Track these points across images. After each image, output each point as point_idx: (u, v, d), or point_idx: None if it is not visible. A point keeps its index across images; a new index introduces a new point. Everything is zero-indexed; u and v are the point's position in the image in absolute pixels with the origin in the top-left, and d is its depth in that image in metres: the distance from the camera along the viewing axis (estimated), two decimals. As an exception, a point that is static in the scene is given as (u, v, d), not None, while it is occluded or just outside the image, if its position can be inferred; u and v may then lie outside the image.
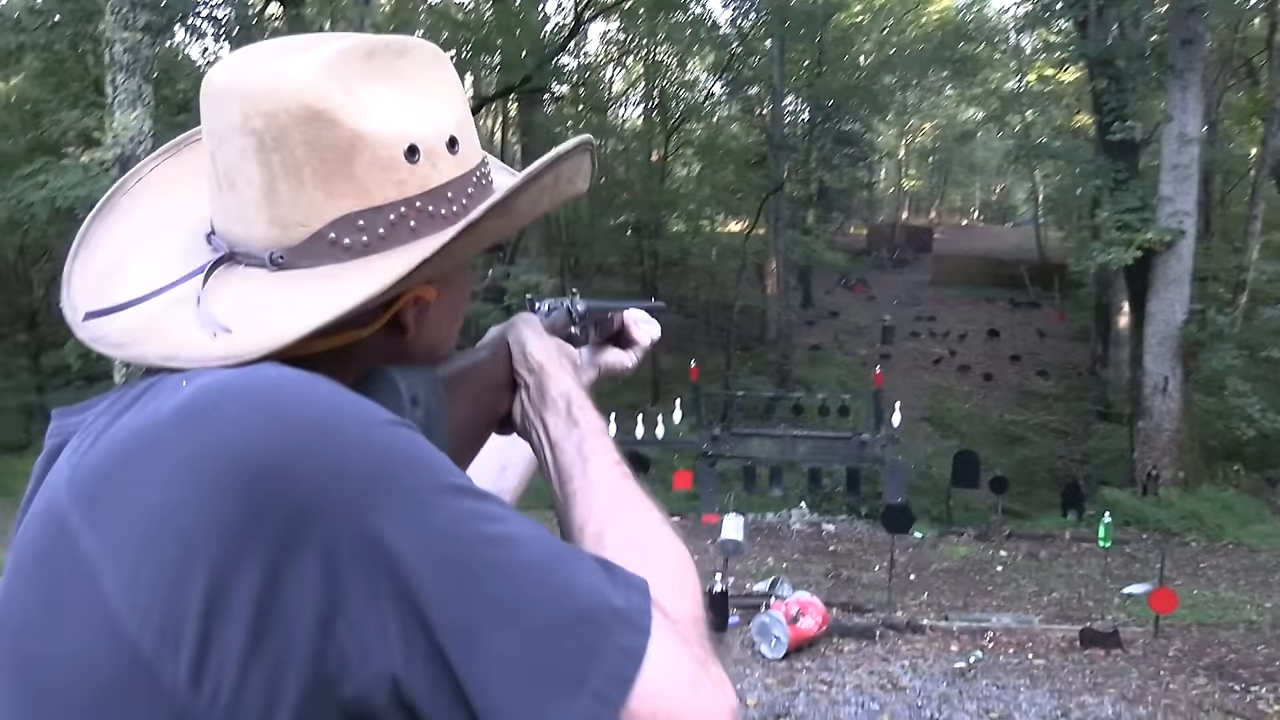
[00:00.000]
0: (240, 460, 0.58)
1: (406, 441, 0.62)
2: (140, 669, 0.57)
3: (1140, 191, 12.80)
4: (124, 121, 5.55)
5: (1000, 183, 53.06)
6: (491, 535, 0.60)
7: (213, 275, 0.71)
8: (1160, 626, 6.53)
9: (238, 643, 0.56)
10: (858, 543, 10.09)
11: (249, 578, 0.56)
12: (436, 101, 0.76)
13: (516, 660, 0.57)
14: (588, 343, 1.13)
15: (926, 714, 4.87)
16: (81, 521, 0.61)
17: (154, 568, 0.57)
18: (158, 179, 0.83)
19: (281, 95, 0.69)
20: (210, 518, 0.57)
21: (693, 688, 0.60)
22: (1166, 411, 12.46)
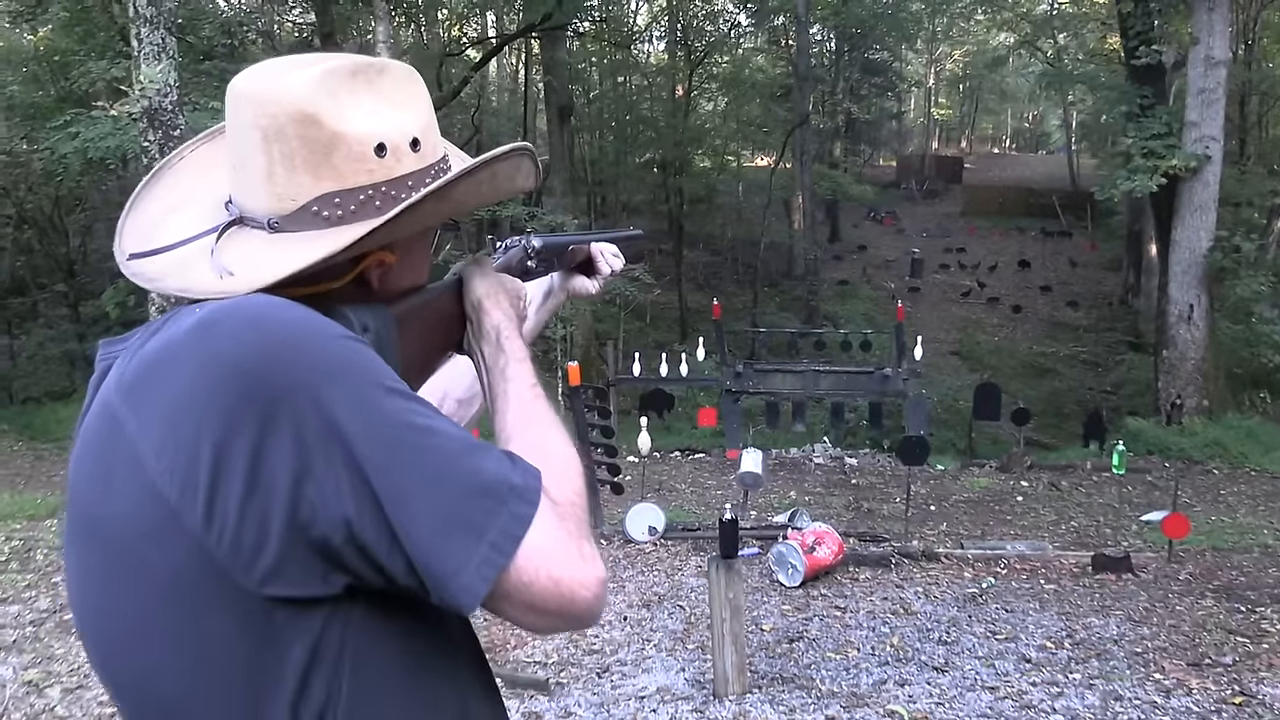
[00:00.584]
0: (233, 363, 0.82)
1: (356, 351, 0.86)
2: (169, 514, 0.82)
3: (1166, 117, 12.60)
4: (150, 74, 5.69)
5: (1033, 110, 52.07)
6: (419, 425, 0.85)
7: (226, 234, 0.97)
8: (1174, 551, 6.64)
9: (235, 495, 0.81)
10: (879, 476, 10.25)
11: (241, 447, 0.80)
12: (405, 111, 1.00)
13: (434, 516, 0.82)
14: (547, 274, 1.36)
15: (935, 636, 5.05)
16: (126, 412, 0.86)
17: (175, 441, 0.82)
18: (195, 159, 1.10)
19: (282, 101, 0.94)
20: (214, 404, 0.81)
21: (566, 553, 0.86)
22: (1191, 340, 12.42)
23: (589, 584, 0.87)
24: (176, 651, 0.85)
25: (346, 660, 0.87)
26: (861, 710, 4.10)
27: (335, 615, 0.86)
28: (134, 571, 0.85)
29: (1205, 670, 4.49)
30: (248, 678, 0.84)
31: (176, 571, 0.83)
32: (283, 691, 0.84)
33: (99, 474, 0.87)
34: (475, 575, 0.82)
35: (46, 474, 9.70)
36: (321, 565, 0.83)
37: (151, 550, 0.83)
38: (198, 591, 0.83)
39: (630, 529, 6.90)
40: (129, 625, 0.86)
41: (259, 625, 0.83)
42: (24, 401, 13.60)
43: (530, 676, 4.53)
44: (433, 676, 0.94)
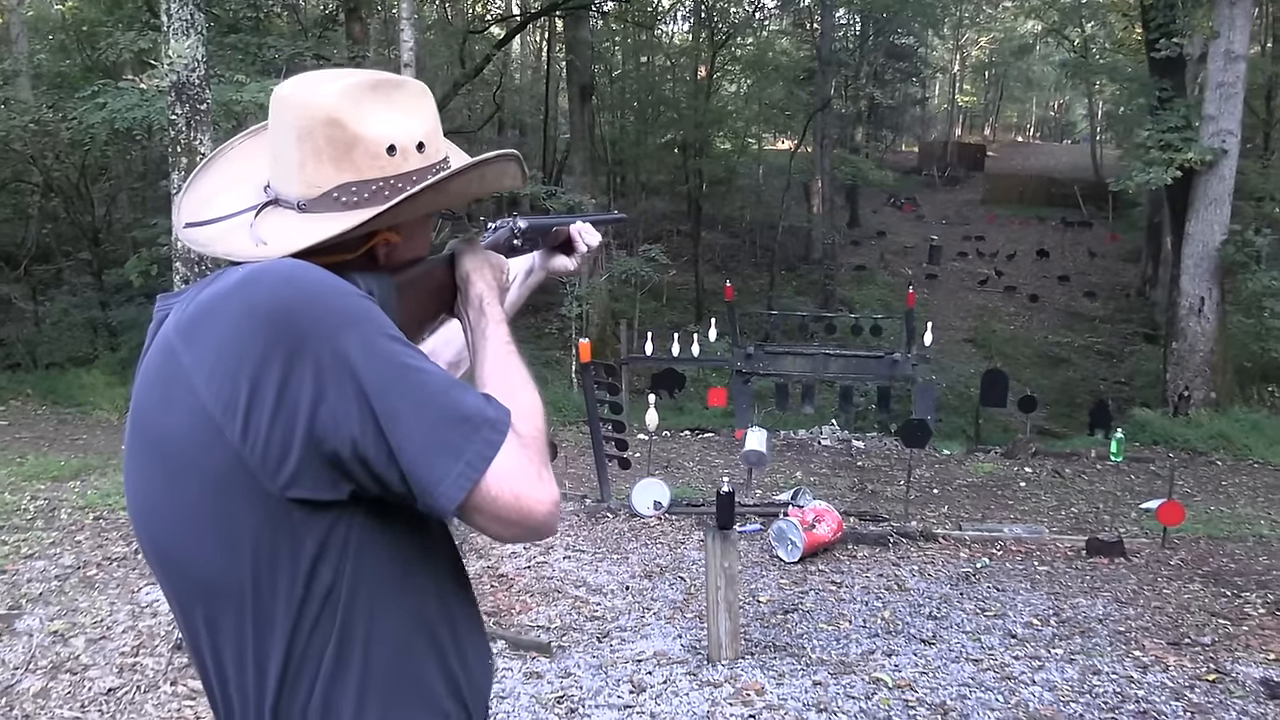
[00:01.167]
0: (268, 310, 1.04)
1: (366, 306, 1.08)
2: (214, 429, 1.05)
3: (1184, 110, 12.60)
4: (178, 49, 5.83)
5: (1059, 98, 51.68)
6: (412, 365, 1.07)
7: (264, 211, 1.22)
8: (1169, 538, 6.76)
9: (266, 415, 1.03)
10: (885, 459, 10.37)
11: (272, 377, 1.03)
12: (414, 119, 1.24)
13: (422, 437, 1.04)
14: (531, 252, 1.57)
15: (926, 612, 5.20)
16: (182, 347, 1.08)
17: (221, 371, 1.04)
18: (243, 149, 1.34)
19: (314, 107, 1.18)
20: (251, 342, 1.03)
21: (527, 476, 1.07)
22: (1201, 333, 12.45)
23: (544, 501, 1.08)
24: (214, 537, 1.08)
25: (349, 553, 1.10)
26: (848, 677, 4.26)
27: (341, 518, 1.08)
28: (184, 473, 1.07)
29: (1184, 649, 4.63)
30: (269, 561, 1.07)
31: (217, 474, 1.05)
32: (297, 574, 1.08)
33: (158, 397, 1.10)
34: (453, 486, 1.04)
35: (69, 437, 9.93)
36: (331, 474, 1.05)
37: (199, 456, 1.06)
38: (233, 491, 1.05)
39: (636, 503, 7.07)
40: (177, 515, 1.10)
41: (280, 520, 1.06)
42: (48, 367, 13.84)
43: (533, 640, 4.71)
44: (417, 569, 1.18)
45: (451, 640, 1.21)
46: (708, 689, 4.13)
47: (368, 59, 15.30)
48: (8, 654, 4.27)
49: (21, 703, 3.89)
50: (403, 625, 1.15)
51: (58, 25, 18.62)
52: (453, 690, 1.21)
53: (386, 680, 1.13)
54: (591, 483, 7.91)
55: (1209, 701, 4.05)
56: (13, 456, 8.26)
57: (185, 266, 5.81)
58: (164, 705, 3.88)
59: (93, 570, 5.35)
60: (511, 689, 4.13)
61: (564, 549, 6.27)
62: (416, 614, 1.17)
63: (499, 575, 5.71)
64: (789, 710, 3.92)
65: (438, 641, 1.19)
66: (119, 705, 3.90)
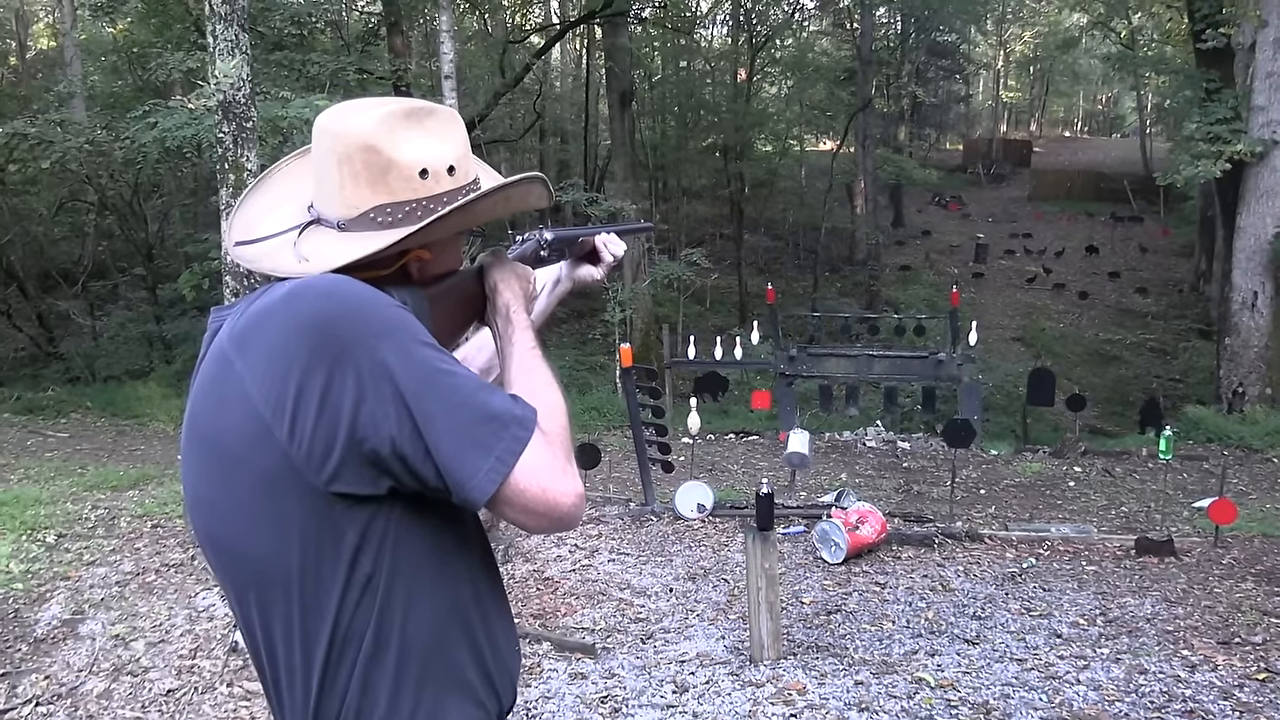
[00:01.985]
0: (312, 321, 1.13)
1: (402, 315, 1.17)
2: (265, 429, 1.14)
3: (1232, 101, 12.38)
4: (224, 69, 5.99)
5: (1106, 92, 50.89)
6: (444, 369, 1.16)
7: (306, 230, 1.32)
8: (1221, 537, 6.65)
9: (311, 416, 1.12)
10: (930, 460, 10.31)
11: (317, 383, 1.12)
12: (445, 144, 1.33)
13: (456, 434, 1.13)
14: (558, 262, 1.66)
15: (970, 612, 5.18)
16: (235, 354, 1.18)
17: (271, 376, 1.14)
18: (289, 170, 1.45)
19: (352, 134, 1.27)
20: (298, 350, 1.12)
21: (552, 470, 1.16)
22: (1254, 328, 12.22)
23: (569, 494, 1.17)
24: (265, 527, 1.18)
25: (388, 544, 1.19)
26: (890, 677, 4.27)
27: (380, 511, 1.18)
28: (237, 469, 1.17)
29: (1234, 648, 4.57)
30: (315, 550, 1.17)
31: (267, 471, 1.15)
32: (340, 562, 1.18)
33: (214, 401, 1.20)
34: (485, 479, 1.13)
35: (128, 448, 10.19)
36: (371, 471, 1.15)
37: (251, 455, 1.16)
38: (282, 485, 1.15)
39: (680, 506, 7.11)
40: (231, 508, 1.20)
41: (324, 512, 1.16)
42: (105, 380, 14.19)
43: (578, 641, 4.77)
44: (452, 560, 1.27)
45: (483, 626, 1.30)
46: (750, 689, 4.16)
47: (409, 71, 15.52)
48: (72, 657, 4.42)
49: (86, 703, 4.03)
50: (437, 611, 1.24)
51: (109, 47, 19.11)
52: (483, 672, 1.29)
53: (422, 662, 1.22)
54: (635, 486, 7.97)
55: (1259, 701, 4.00)
56: (74, 467, 8.49)
57: (235, 280, 5.97)
58: (220, 706, 4.00)
59: (151, 576, 5.50)
60: (557, 690, 4.20)
61: (608, 552, 6.33)
62: (451, 601, 1.26)
63: (545, 579, 5.78)
64: (830, 710, 3.94)
65: (469, 627, 1.28)
66: (178, 706, 4.02)
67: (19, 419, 11.35)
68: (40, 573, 5.27)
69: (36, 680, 4.20)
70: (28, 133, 12.84)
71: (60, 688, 4.15)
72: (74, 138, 12.82)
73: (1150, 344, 21.30)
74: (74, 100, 15.46)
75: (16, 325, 15.67)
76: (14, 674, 4.25)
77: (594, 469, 7.66)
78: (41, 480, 7.67)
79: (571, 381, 15.15)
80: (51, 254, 17.27)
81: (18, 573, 5.22)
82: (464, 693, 1.27)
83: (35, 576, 5.21)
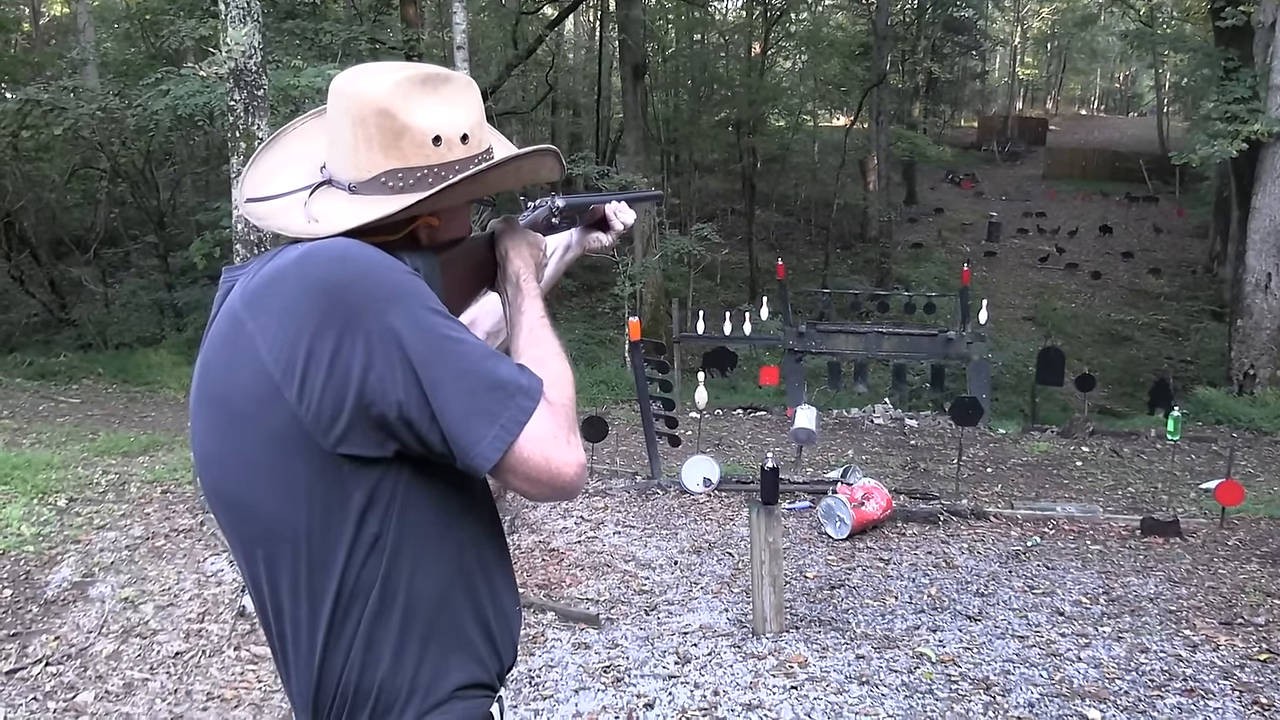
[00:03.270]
0: (324, 284, 1.14)
1: (412, 281, 1.18)
2: (274, 389, 1.15)
3: (1250, 81, 12.25)
4: (236, 37, 5.97)
5: (1124, 70, 50.39)
6: (453, 336, 1.17)
7: (318, 190, 1.31)
8: (1227, 519, 6.65)
9: (320, 378, 1.13)
10: (938, 437, 10.31)
11: (327, 345, 1.13)
12: (460, 112, 1.32)
13: (462, 401, 1.14)
14: (569, 229, 1.66)
15: (973, 589, 5.20)
16: (247, 315, 1.19)
17: (282, 337, 1.15)
18: (303, 129, 1.44)
19: (367, 98, 1.26)
20: (309, 313, 1.13)
21: (556, 440, 1.17)
22: (1267, 309, 12.15)
23: (571, 464, 1.19)
24: (273, 484, 1.19)
25: (395, 505, 1.20)
26: (891, 651, 4.29)
27: (388, 473, 1.19)
28: (246, 427, 1.19)
29: (1236, 629, 4.59)
30: (323, 508, 1.18)
31: (276, 430, 1.17)
32: (347, 521, 1.19)
33: (225, 358, 1.21)
34: (490, 446, 1.15)
35: (139, 414, 10.25)
36: (378, 434, 1.16)
37: (260, 413, 1.17)
38: (290, 444, 1.16)
39: (686, 480, 7.14)
40: (240, 465, 1.21)
41: (332, 472, 1.17)
42: (117, 347, 14.25)
43: (582, 611, 4.80)
44: (458, 523, 1.28)
45: (487, 588, 1.32)
46: (751, 661, 4.19)
47: (421, 41, 15.46)
48: (82, 619, 4.47)
49: (95, 664, 4.08)
50: (443, 572, 1.26)
51: (122, 14, 19.07)
52: (485, 632, 1.31)
53: (426, 620, 1.24)
54: (642, 460, 7.99)
55: (1259, 681, 4.01)
56: (85, 433, 8.56)
57: (245, 249, 5.97)
58: (228, 669, 4.05)
59: (161, 541, 5.55)
60: (560, 659, 4.23)
61: (614, 524, 6.36)
62: (456, 563, 1.27)
63: (550, 550, 5.82)
64: (831, 682, 3.97)
65: (474, 589, 1.30)
66: (185, 668, 4.07)
67: (31, 384, 11.42)
68: (51, 536, 5.33)
69: (47, 641, 4.26)
70: (40, 99, 12.83)
71: (70, 648, 4.21)
72: (86, 104, 12.81)
73: (1162, 325, 21.20)
74: (86, 67, 15.43)
75: (29, 291, 15.72)
76: (25, 634, 4.31)
77: (601, 442, 7.68)
78: (53, 445, 7.73)
79: (580, 354, 15.17)
80: (64, 221, 17.32)
81: (29, 535, 5.27)
82: (467, 651, 1.28)
83: (46, 539, 5.27)
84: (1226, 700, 3.83)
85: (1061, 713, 3.73)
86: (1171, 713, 3.73)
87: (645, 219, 16.78)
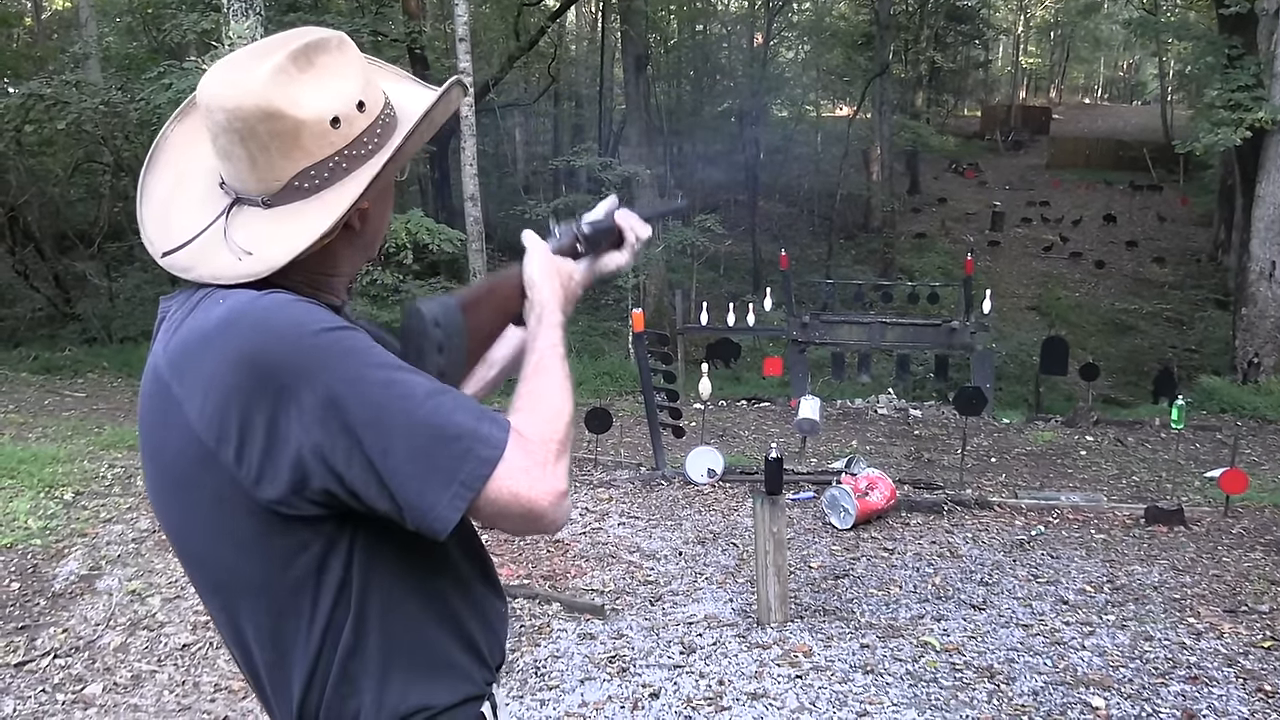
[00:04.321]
0: (248, 356, 1.06)
1: (343, 340, 1.09)
2: (209, 454, 1.09)
3: (1254, 68, 12.21)
4: (239, 30, 6.00)
5: (1128, 58, 50.21)
6: (397, 393, 1.07)
7: (231, 215, 1.17)
8: (1232, 507, 6.65)
9: (258, 449, 1.07)
10: (942, 427, 10.31)
11: (261, 418, 1.06)
12: (344, 80, 1.18)
13: (413, 464, 1.06)
14: (593, 254, 1.54)
15: (977, 578, 5.21)
16: (171, 379, 1.12)
17: (210, 406, 1.08)
18: (178, 137, 1.28)
19: (246, 105, 1.11)
20: (236, 385, 1.06)
21: (528, 476, 1.09)
22: (1271, 298, 12.14)
23: (547, 494, 1.10)
24: (223, 540, 1.15)
25: (357, 548, 1.15)
26: (896, 640, 4.31)
27: (346, 520, 1.13)
28: (189, 489, 1.14)
29: (1240, 616, 4.59)
30: (280, 561, 1.13)
31: (216, 490, 1.11)
32: (308, 570, 1.14)
33: (157, 421, 1.15)
34: (449, 508, 1.07)
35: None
36: (323, 498, 1.09)
37: (198, 475, 1.12)
38: (234, 504, 1.11)
39: (690, 471, 7.15)
40: (187, 521, 1.18)
41: (281, 526, 1.11)
42: (122, 341, 14.25)
43: (587, 602, 4.82)
44: (428, 551, 1.20)
45: (467, 606, 1.28)
46: (756, 650, 4.21)
47: (424, 34, 15.44)
48: (89, 611, 4.50)
49: (103, 656, 4.11)
50: (417, 604, 1.21)
51: (124, 8, 19.06)
52: (470, 650, 1.28)
53: (407, 653, 1.20)
54: (646, 451, 8.00)
55: (1263, 668, 4.02)
56: (91, 426, 8.58)
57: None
58: (235, 661, 4.06)
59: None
60: (566, 649, 4.25)
61: (619, 516, 6.38)
62: (430, 590, 1.23)
63: (555, 541, 5.84)
64: (835, 672, 3.99)
65: (453, 613, 1.26)
66: (193, 660, 4.10)
67: (37, 378, 11.45)
68: (58, 529, 5.35)
69: (55, 633, 4.28)
70: (44, 94, 12.84)
71: (78, 641, 4.23)
72: (89, 99, 12.82)
73: (1166, 314, 21.17)
74: (89, 61, 15.43)
75: (34, 286, 15.75)
76: (33, 627, 4.33)
77: (605, 433, 7.69)
78: (59, 439, 7.76)
79: (584, 346, 15.18)
80: (68, 215, 17.32)
81: (36, 529, 5.30)
82: (453, 673, 1.25)
83: (53, 533, 5.29)
84: (1230, 688, 3.84)
85: (1065, 701, 3.74)
86: (1175, 700, 3.74)
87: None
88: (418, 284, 12.47)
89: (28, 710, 3.70)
